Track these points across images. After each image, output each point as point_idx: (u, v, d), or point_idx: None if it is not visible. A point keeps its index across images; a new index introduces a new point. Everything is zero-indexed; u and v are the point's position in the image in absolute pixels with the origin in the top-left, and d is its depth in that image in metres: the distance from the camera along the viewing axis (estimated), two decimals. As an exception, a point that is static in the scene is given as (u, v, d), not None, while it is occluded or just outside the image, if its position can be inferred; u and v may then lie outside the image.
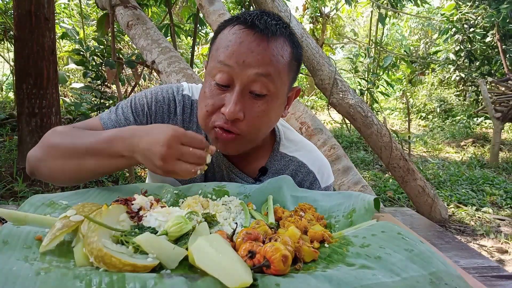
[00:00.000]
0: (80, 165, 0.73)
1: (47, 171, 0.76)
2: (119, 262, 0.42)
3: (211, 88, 0.75)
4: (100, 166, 0.72)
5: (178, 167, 0.64)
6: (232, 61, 0.71)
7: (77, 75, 7.27)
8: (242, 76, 0.71)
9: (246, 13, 0.75)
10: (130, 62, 3.33)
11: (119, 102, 0.91)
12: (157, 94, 0.89)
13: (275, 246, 0.44)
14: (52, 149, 0.75)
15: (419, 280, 0.42)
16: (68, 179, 0.78)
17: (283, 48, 0.74)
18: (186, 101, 0.90)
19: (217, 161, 0.90)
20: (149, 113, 0.87)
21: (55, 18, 3.51)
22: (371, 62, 6.62)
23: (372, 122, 2.87)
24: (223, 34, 0.76)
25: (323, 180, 0.92)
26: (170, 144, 0.63)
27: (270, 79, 0.73)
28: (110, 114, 0.87)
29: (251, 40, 0.71)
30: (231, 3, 5.93)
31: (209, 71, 0.77)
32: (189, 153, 0.64)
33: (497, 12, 6.30)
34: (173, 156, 0.63)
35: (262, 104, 0.74)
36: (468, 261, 0.67)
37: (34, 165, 0.78)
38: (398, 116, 9.53)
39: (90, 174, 0.76)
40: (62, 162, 0.74)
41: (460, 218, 3.38)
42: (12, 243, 0.46)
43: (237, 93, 0.72)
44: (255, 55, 0.71)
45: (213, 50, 0.77)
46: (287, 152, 0.92)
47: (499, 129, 5.33)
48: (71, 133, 0.78)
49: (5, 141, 4.12)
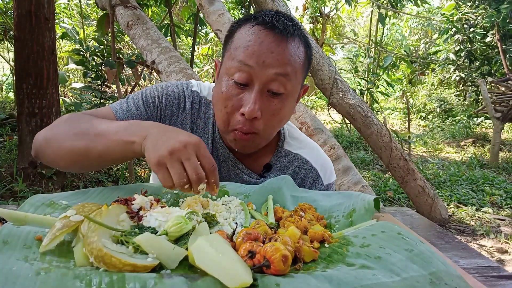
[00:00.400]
0: (88, 148, 0.70)
1: (52, 153, 0.75)
2: (119, 262, 0.42)
3: (228, 86, 0.77)
4: (107, 152, 0.70)
5: (174, 166, 0.60)
6: (252, 61, 0.73)
7: (77, 75, 7.27)
8: (261, 76, 0.74)
9: (263, 14, 0.77)
10: (130, 62, 3.33)
11: (129, 95, 0.91)
12: (168, 88, 0.90)
13: (275, 246, 0.44)
14: (64, 129, 0.74)
15: (419, 280, 0.42)
16: (72, 163, 0.75)
17: (299, 49, 0.77)
18: (195, 97, 0.91)
19: (224, 156, 0.92)
20: (160, 106, 0.88)
21: (55, 18, 3.51)
22: (371, 62, 6.62)
23: (372, 122, 2.87)
24: (240, 33, 0.77)
25: (326, 178, 0.94)
26: (187, 144, 0.61)
27: (288, 78, 0.75)
28: (121, 104, 0.87)
29: (271, 41, 0.73)
30: (231, 3, 5.93)
31: (226, 70, 0.78)
32: (194, 163, 0.60)
33: (497, 12, 6.30)
34: (180, 155, 0.60)
35: (278, 103, 0.77)
36: (468, 261, 0.67)
37: (41, 145, 0.76)
38: (398, 116, 9.53)
39: (95, 160, 0.73)
40: (71, 143, 0.72)
41: (460, 218, 3.38)
42: (12, 243, 0.46)
43: (256, 92, 0.74)
44: (274, 56, 0.73)
45: (230, 49, 0.78)
46: (291, 149, 0.94)
47: (499, 129, 5.33)
48: (85, 117, 0.78)
49: (5, 141, 4.12)
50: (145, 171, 3.91)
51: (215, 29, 2.71)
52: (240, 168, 0.91)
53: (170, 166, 0.60)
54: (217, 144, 0.91)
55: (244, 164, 0.92)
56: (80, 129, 0.73)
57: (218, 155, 0.92)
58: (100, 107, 0.89)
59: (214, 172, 0.63)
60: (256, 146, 0.82)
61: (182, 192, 0.75)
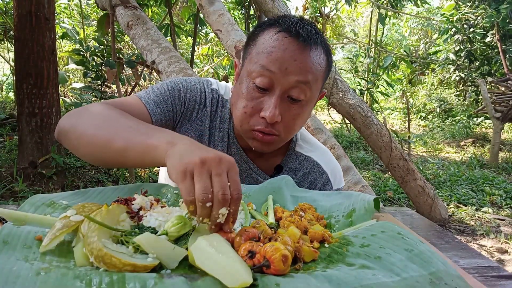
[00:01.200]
0: (109, 141, 0.65)
1: (75, 139, 0.71)
2: (119, 262, 0.42)
3: (249, 89, 0.78)
4: (126, 150, 0.64)
5: (203, 177, 0.50)
6: (275, 67, 0.74)
7: (77, 75, 7.27)
8: (283, 82, 0.75)
9: (288, 20, 0.78)
10: (130, 62, 3.33)
11: (150, 86, 0.89)
12: (191, 83, 0.91)
13: (275, 246, 0.44)
14: (89, 117, 0.71)
15: (419, 280, 0.42)
16: (91, 154, 0.70)
17: (320, 57, 0.78)
18: (215, 95, 0.92)
19: (237, 156, 0.92)
20: (184, 100, 0.89)
21: (55, 18, 3.51)
22: (371, 62, 6.62)
23: (372, 122, 2.87)
24: (264, 38, 0.77)
25: (336, 183, 0.94)
26: (222, 159, 0.52)
27: (308, 86, 0.76)
28: (148, 94, 0.85)
29: (295, 49, 0.74)
30: (231, 3, 5.93)
31: (249, 73, 0.78)
32: (224, 181, 0.50)
33: (497, 12, 6.30)
34: (212, 167, 0.51)
35: (298, 108, 0.78)
36: (468, 261, 0.67)
37: (65, 129, 0.73)
38: (398, 116, 9.53)
39: (114, 156, 0.66)
40: (93, 133, 0.68)
41: (460, 218, 3.38)
42: (12, 243, 0.46)
43: (276, 97, 0.75)
44: (297, 63, 0.74)
45: (252, 53, 0.79)
46: (302, 151, 0.94)
47: (499, 129, 5.33)
48: (115, 110, 0.73)
49: (5, 141, 4.12)
50: (145, 171, 3.91)
51: (215, 29, 2.71)
52: (252, 168, 0.92)
53: (198, 175, 0.50)
54: (231, 143, 0.92)
55: (256, 165, 0.93)
56: (109, 120, 0.69)
57: (231, 154, 0.93)
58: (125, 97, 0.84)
59: (237, 202, 0.51)
60: (275, 147, 0.84)
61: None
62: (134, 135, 0.64)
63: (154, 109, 0.83)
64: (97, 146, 0.67)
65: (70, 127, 0.72)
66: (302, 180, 0.93)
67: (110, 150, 0.66)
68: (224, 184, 0.50)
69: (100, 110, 0.72)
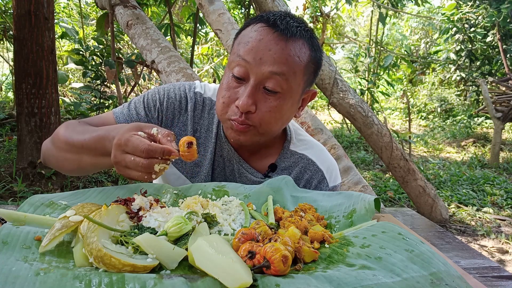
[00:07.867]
0: (79, 160, 0.77)
1: (54, 161, 0.83)
2: (119, 263, 0.42)
3: (228, 79, 0.80)
4: (95, 162, 0.76)
5: (128, 173, 0.64)
6: (250, 57, 0.75)
7: (76, 75, 7.26)
8: (257, 72, 0.75)
9: (271, 13, 0.79)
10: (130, 61, 3.33)
11: (132, 99, 0.95)
12: (170, 91, 0.92)
13: (275, 247, 0.44)
14: (57, 141, 0.80)
15: (420, 281, 0.42)
16: (72, 170, 0.83)
17: (301, 50, 0.77)
18: (198, 98, 0.93)
19: (228, 156, 0.92)
20: (161, 109, 0.91)
21: (54, 18, 3.51)
22: (371, 61, 6.61)
23: (372, 122, 2.87)
24: (246, 30, 0.79)
25: (331, 180, 0.93)
26: (115, 153, 0.64)
27: (284, 78, 0.76)
28: (123, 109, 0.91)
29: (270, 39, 0.75)
30: (231, 2, 5.93)
31: (229, 64, 0.81)
32: (131, 162, 0.63)
33: (497, 11, 6.30)
34: (120, 164, 0.64)
35: (274, 100, 0.78)
36: (469, 262, 0.67)
37: (45, 154, 0.85)
38: (398, 116, 9.53)
39: (90, 168, 0.80)
40: (64, 155, 0.79)
41: (461, 219, 3.37)
42: (11, 244, 0.46)
43: (250, 87, 0.76)
44: (271, 54, 0.74)
45: (235, 45, 0.81)
46: (297, 150, 0.94)
47: (500, 129, 5.33)
48: (76, 128, 0.81)
49: (5, 141, 4.12)
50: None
51: (215, 28, 2.71)
52: (244, 167, 0.91)
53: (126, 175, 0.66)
54: (222, 143, 0.92)
55: (249, 164, 0.92)
56: (68, 141, 0.78)
57: (222, 154, 0.92)
58: (104, 113, 0.94)
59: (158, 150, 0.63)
60: (252, 139, 0.82)
61: (183, 192, 0.75)
62: (92, 148, 0.74)
63: (123, 123, 0.88)
64: (73, 165, 0.79)
65: (48, 151, 0.84)
66: (297, 178, 0.92)
67: (85, 166, 0.78)
68: (134, 163, 0.62)
69: (65, 131, 0.81)
